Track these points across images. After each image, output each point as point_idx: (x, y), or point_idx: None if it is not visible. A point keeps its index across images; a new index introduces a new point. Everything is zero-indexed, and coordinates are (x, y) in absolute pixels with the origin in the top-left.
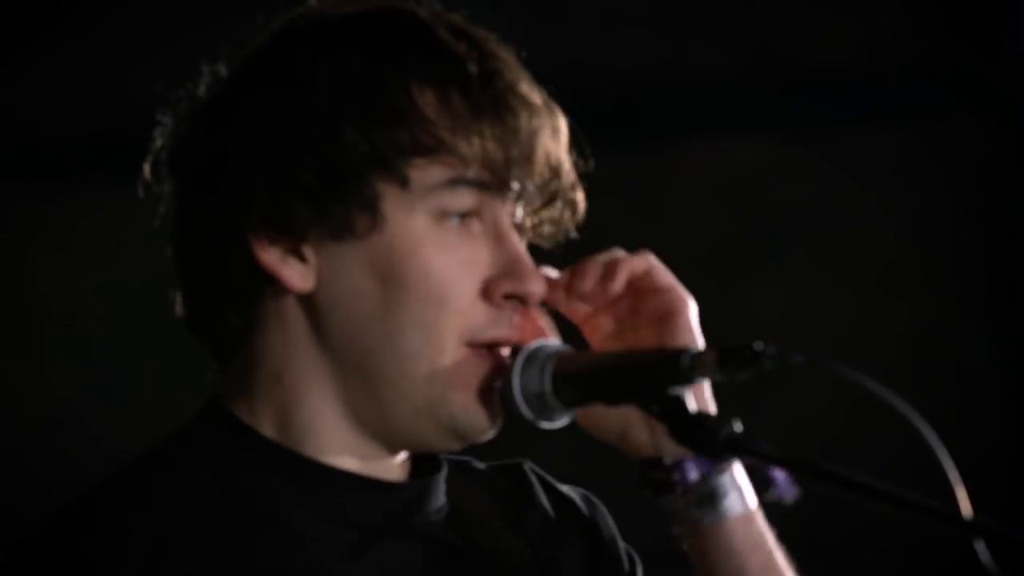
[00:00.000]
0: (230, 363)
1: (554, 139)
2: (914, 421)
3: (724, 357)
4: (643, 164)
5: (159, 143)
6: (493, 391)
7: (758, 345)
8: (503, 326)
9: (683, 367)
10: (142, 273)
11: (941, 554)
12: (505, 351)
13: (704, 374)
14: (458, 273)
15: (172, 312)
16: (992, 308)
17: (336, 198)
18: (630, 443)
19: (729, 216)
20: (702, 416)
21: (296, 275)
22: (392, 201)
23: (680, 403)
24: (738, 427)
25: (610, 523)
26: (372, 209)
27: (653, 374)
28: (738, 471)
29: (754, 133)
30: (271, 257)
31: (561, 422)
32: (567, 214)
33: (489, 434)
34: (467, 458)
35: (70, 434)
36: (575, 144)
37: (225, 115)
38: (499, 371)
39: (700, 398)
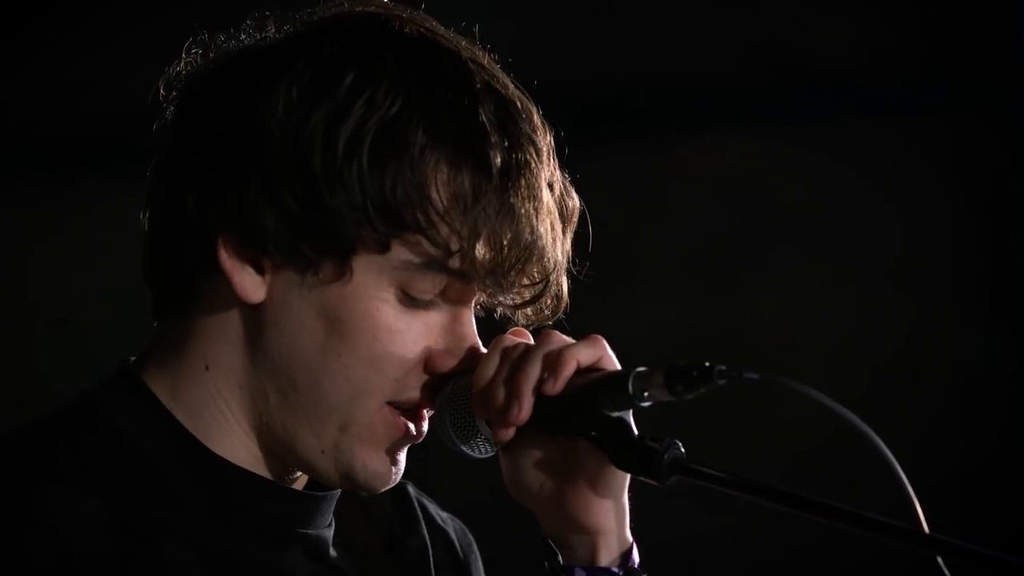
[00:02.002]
0: (167, 322)
1: (556, 244)
2: (870, 436)
3: (672, 376)
4: (643, 162)
5: (181, 67)
6: (398, 453)
7: (707, 363)
8: (430, 396)
9: (629, 389)
10: (138, 272)
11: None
12: (421, 423)
13: (652, 395)
14: (404, 344)
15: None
16: (994, 307)
17: (311, 238)
18: (541, 511)
19: (729, 214)
20: (645, 439)
21: (249, 285)
22: (364, 260)
23: (623, 426)
24: (681, 449)
25: (476, 553)
26: (342, 260)
27: (595, 398)
28: None
29: (755, 131)
30: (230, 260)
31: (488, 452)
32: (548, 310)
33: (381, 491)
34: None
35: None
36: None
37: (248, 91)
38: (411, 438)
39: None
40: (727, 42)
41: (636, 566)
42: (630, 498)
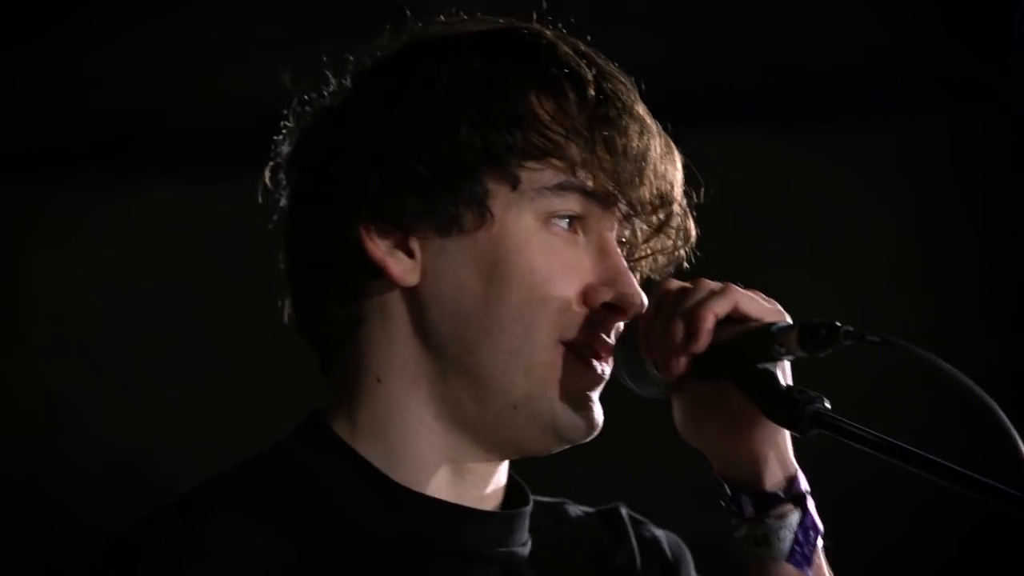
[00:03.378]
0: (335, 366)
1: (666, 163)
2: (987, 401)
3: (804, 334)
4: None
5: (279, 147)
6: (591, 392)
7: (838, 323)
8: (598, 331)
9: (770, 344)
10: (138, 271)
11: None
12: (601, 362)
13: (789, 351)
14: (560, 274)
15: (168, 310)
16: (994, 306)
17: (447, 193)
18: (706, 447)
19: (729, 213)
20: (792, 391)
21: (402, 269)
22: (502, 200)
23: (770, 377)
24: (826, 404)
25: (690, 564)
26: (481, 206)
27: (742, 349)
28: (796, 517)
29: (753, 130)
30: (379, 249)
31: (657, 392)
32: (679, 243)
33: (590, 435)
34: (563, 500)
35: (65, 430)
36: (690, 174)
37: (345, 116)
38: (594, 376)
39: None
40: (725, 41)
41: (802, 491)
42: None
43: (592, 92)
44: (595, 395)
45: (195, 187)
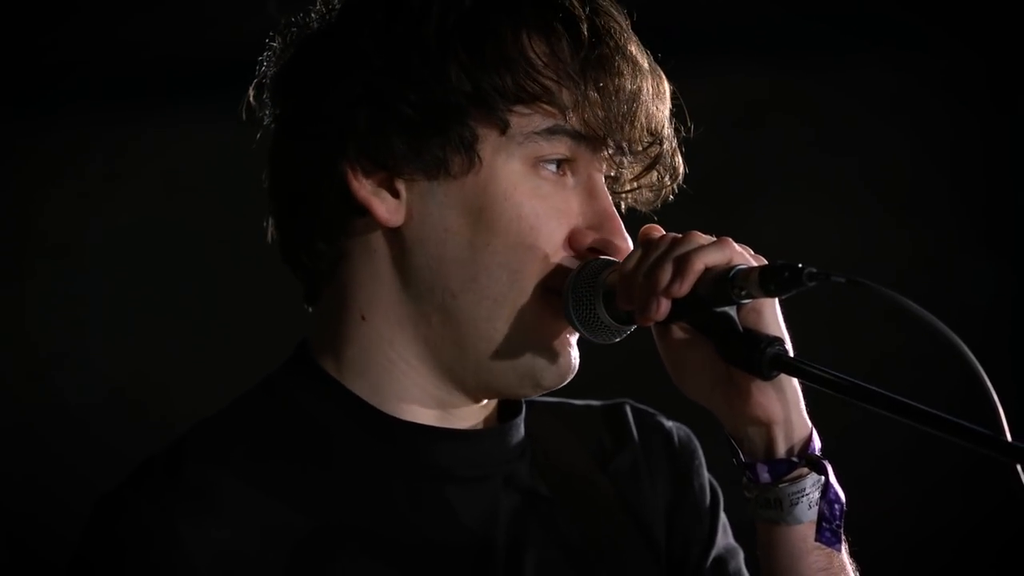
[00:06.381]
0: (320, 297)
1: (657, 103)
2: (954, 340)
3: (766, 275)
4: None
5: (265, 68)
6: (571, 339)
7: (798, 264)
8: None
9: (729, 286)
10: (140, 206)
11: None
12: None
13: (749, 293)
14: (548, 219)
15: (169, 244)
16: (995, 237)
17: (435, 136)
18: (715, 409)
19: (729, 147)
20: (751, 334)
21: (387, 209)
22: (490, 144)
23: (728, 320)
24: (786, 347)
25: (700, 460)
26: (469, 150)
27: (703, 293)
28: (814, 482)
29: (754, 62)
30: (363, 189)
31: (607, 338)
32: (667, 179)
33: (564, 381)
34: (565, 399)
35: (66, 365)
36: (679, 109)
37: (333, 45)
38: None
39: (762, 320)
40: None
41: (816, 452)
42: None
43: (585, 32)
44: (575, 340)
45: (194, 123)
